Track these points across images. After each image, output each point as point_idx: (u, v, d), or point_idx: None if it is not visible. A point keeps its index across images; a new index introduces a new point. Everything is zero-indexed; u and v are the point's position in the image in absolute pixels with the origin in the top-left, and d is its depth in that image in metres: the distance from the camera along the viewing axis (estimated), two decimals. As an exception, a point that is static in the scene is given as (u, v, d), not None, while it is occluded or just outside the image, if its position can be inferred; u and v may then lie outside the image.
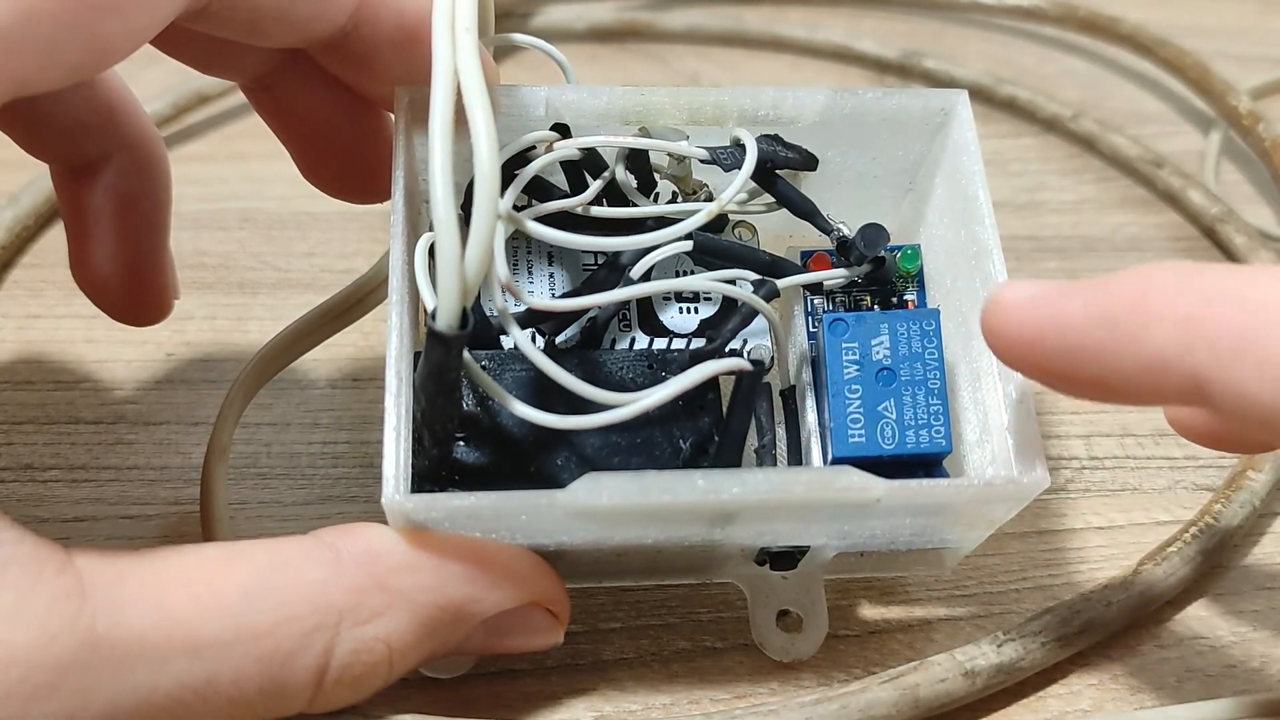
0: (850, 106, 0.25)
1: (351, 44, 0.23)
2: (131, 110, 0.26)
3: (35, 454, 0.29)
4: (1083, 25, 0.46)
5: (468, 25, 0.19)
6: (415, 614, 0.21)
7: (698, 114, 0.24)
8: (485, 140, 0.19)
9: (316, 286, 0.33)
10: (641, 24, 0.46)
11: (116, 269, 0.27)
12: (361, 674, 0.20)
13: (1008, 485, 0.22)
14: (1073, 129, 0.42)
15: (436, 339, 0.19)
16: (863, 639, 0.26)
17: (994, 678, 0.24)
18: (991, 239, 0.24)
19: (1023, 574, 0.28)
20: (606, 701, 0.24)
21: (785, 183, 0.25)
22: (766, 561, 0.24)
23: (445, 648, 0.22)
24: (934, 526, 0.23)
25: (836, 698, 0.23)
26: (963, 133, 0.25)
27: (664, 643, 0.26)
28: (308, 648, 0.20)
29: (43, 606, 0.18)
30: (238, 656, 0.19)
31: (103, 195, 0.26)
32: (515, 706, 0.24)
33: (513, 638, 0.22)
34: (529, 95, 0.24)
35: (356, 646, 0.20)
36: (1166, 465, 0.30)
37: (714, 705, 0.24)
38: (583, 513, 0.20)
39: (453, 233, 0.19)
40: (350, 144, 0.26)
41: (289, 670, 0.19)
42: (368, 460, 0.29)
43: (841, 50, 0.46)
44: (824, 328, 0.24)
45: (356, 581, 0.20)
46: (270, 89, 0.26)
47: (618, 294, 0.23)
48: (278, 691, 0.20)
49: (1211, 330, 0.17)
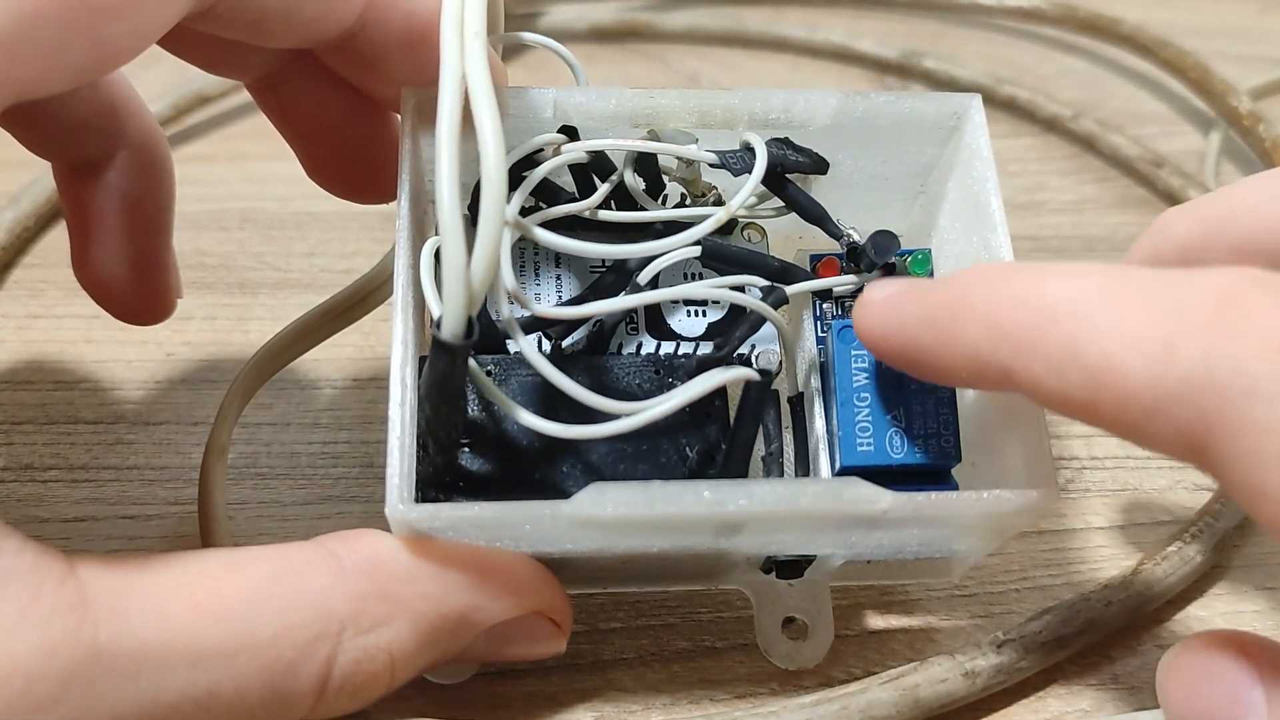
0: (861, 110, 0.24)
1: (359, 45, 0.23)
2: (135, 109, 0.26)
3: (35, 454, 0.29)
4: (1083, 26, 0.46)
5: (476, 29, 0.19)
6: (418, 623, 0.20)
7: (707, 117, 0.24)
8: (492, 147, 0.18)
9: (316, 286, 0.33)
10: (641, 24, 0.46)
11: (120, 268, 0.26)
12: (363, 683, 0.20)
13: (1018, 498, 0.21)
14: (1073, 129, 0.42)
15: (441, 348, 0.19)
16: (863, 639, 0.26)
17: (994, 678, 0.24)
18: (1003, 245, 0.23)
19: (1023, 574, 0.28)
20: (606, 701, 0.24)
21: (795, 187, 0.25)
22: (773, 570, 0.24)
23: (447, 655, 0.22)
24: (942, 538, 0.23)
25: (837, 698, 0.23)
26: (975, 137, 0.25)
27: (664, 643, 0.26)
28: (310, 656, 0.20)
29: (44, 618, 0.18)
30: (240, 666, 0.19)
31: (106, 194, 0.26)
32: (515, 706, 0.24)
33: (515, 647, 0.22)
34: (537, 97, 0.24)
35: (359, 655, 0.20)
36: (1166, 465, 0.30)
37: (714, 705, 0.24)
38: (587, 523, 0.20)
39: (459, 242, 0.18)
40: (356, 144, 0.26)
41: (291, 679, 0.19)
42: (368, 460, 0.29)
43: (841, 50, 0.46)
44: (833, 334, 0.24)
45: (359, 590, 0.20)
46: (276, 88, 0.25)
47: (624, 301, 0.22)
48: (280, 700, 0.19)
49: (1011, 329, 0.19)
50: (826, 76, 0.45)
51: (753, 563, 0.24)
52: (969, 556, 0.25)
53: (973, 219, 0.25)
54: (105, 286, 0.27)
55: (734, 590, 0.26)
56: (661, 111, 0.24)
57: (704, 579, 0.25)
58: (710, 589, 0.26)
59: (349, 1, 0.22)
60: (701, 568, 0.24)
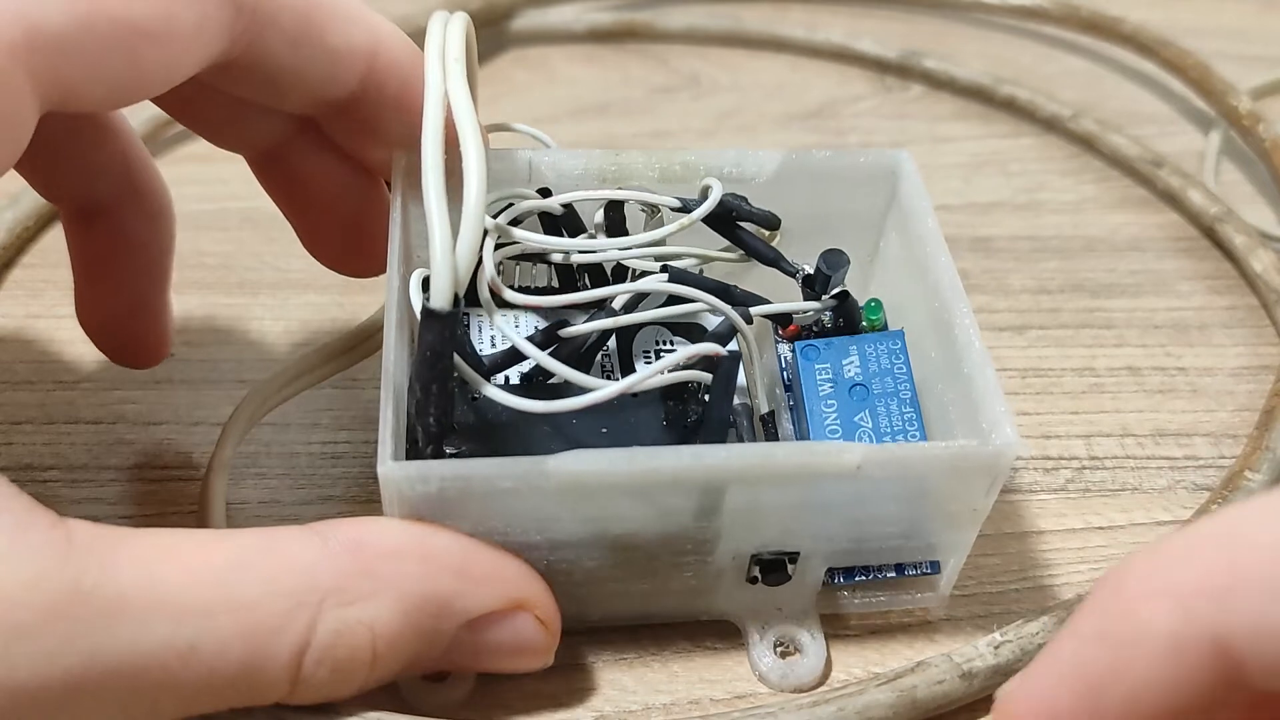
0: (801, 165, 0.27)
1: (359, 109, 0.24)
2: (143, 159, 0.27)
3: (35, 454, 0.29)
4: (1085, 25, 0.46)
5: (456, 56, 0.22)
6: (400, 601, 0.21)
7: (668, 172, 0.27)
8: (472, 141, 0.21)
9: (316, 286, 0.33)
10: (641, 24, 0.46)
11: (119, 313, 0.28)
12: (344, 658, 0.20)
13: (983, 446, 0.22)
14: (1072, 129, 0.42)
15: (431, 317, 0.21)
16: (862, 639, 0.26)
17: (991, 679, 0.24)
18: (954, 297, 0.24)
19: (1023, 574, 0.28)
20: (606, 701, 0.24)
21: (747, 232, 0.27)
22: (758, 578, 0.24)
23: (431, 649, 0.22)
24: (920, 519, 0.24)
25: (834, 699, 0.23)
26: (910, 192, 0.27)
27: (664, 643, 0.26)
28: (290, 624, 0.20)
29: (31, 552, 0.18)
30: (222, 626, 0.19)
31: (111, 240, 0.27)
32: (515, 706, 0.24)
33: (501, 652, 0.22)
34: (514, 157, 0.26)
35: (339, 628, 0.20)
36: (1166, 465, 0.30)
37: (714, 705, 0.24)
38: (571, 485, 0.21)
39: (444, 222, 0.20)
40: (353, 217, 0.27)
41: (273, 644, 0.20)
42: (368, 460, 0.29)
43: (841, 50, 0.46)
44: (797, 354, 0.26)
45: (343, 566, 0.20)
46: (278, 160, 0.27)
47: (599, 324, 0.24)
48: (259, 664, 0.20)
49: (1223, 581, 0.16)
50: (826, 76, 0.45)
51: (739, 571, 0.24)
52: (951, 560, 0.25)
53: (916, 270, 0.26)
54: (104, 330, 0.28)
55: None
56: (626, 169, 0.26)
57: (692, 599, 0.25)
58: (701, 618, 0.26)
59: (353, 65, 0.24)
60: (689, 586, 0.24)
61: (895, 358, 0.25)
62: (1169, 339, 0.34)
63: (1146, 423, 0.31)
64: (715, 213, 0.26)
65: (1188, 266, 0.37)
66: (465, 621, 0.22)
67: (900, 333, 0.26)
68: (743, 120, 0.43)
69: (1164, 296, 0.36)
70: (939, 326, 0.25)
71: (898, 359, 0.25)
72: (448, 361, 0.21)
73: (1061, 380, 0.33)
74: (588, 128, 0.42)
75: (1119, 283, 0.36)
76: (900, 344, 0.26)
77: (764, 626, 0.25)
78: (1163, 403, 0.32)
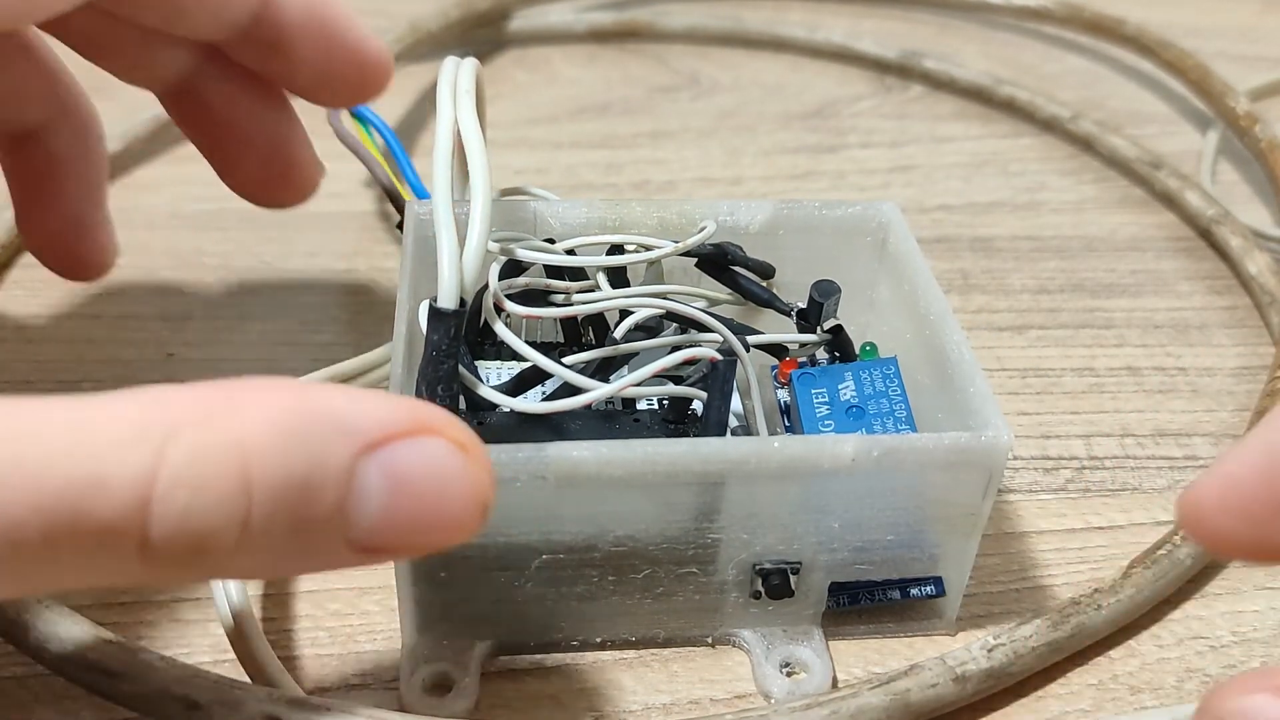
0: (790, 216, 0.28)
1: (264, 30, 0.25)
2: (68, 77, 0.28)
3: (35, 454, 0.29)
4: (1087, 26, 0.46)
5: (467, 88, 0.24)
6: (274, 413, 0.17)
7: (666, 221, 0.28)
8: (479, 161, 0.23)
9: (316, 287, 0.33)
10: (641, 24, 0.46)
11: (59, 229, 0.28)
12: (207, 476, 0.16)
13: (975, 439, 0.22)
14: (1072, 129, 0.42)
15: (438, 316, 0.21)
16: (862, 639, 0.26)
17: (984, 682, 0.24)
18: (943, 319, 0.25)
19: (1022, 574, 0.28)
20: (606, 701, 0.24)
21: (743, 275, 0.27)
22: (761, 593, 0.24)
23: (324, 478, 0.17)
24: (918, 523, 0.24)
25: (828, 702, 0.23)
26: (899, 240, 0.27)
27: (664, 642, 0.26)
28: (137, 441, 0.16)
29: None
30: (52, 438, 0.16)
31: (45, 159, 0.28)
32: (515, 706, 0.24)
33: (420, 491, 0.17)
34: (519, 208, 0.27)
35: (197, 444, 0.16)
36: (1166, 465, 0.30)
37: (714, 705, 0.24)
38: (570, 474, 0.21)
39: (451, 231, 0.21)
40: (269, 144, 0.28)
41: (111, 457, 0.16)
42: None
43: (841, 50, 0.46)
44: (794, 381, 0.26)
45: (202, 394, 0.17)
46: (189, 93, 0.27)
47: (599, 352, 0.24)
48: (96, 483, 0.16)
49: None
50: (827, 76, 0.45)
51: (742, 586, 0.24)
52: (953, 574, 0.25)
53: (907, 308, 0.27)
54: (47, 246, 0.29)
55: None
56: (626, 218, 0.27)
57: (698, 620, 0.25)
58: (707, 640, 0.26)
59: None
60: (693, 604, 0.24)
61: (890, 381, 0.26)
62: (1169, 339, 0.34)
63: (1146, 423, 0.31)
64: (711, 258, 0.27)
65: (1187, 267, 0.37)
66: (362, 445, 0.17)
67: (893, 359, 0.26)
68: (743, 120, 0.43)
69: (1164, 296, 0.36)
70: (931, 351, 0.25)
71: (892, 383, 0.26)
72: (453, 362, 0.22)
73: (1061, 380, 0.33)
74: (588, 128, 0.42)
75: (1119, 283, 0.36)
76: (894, 369, 0.26)
77: (769, 648, 0.25)
78: (1163, 403, 0.32)
